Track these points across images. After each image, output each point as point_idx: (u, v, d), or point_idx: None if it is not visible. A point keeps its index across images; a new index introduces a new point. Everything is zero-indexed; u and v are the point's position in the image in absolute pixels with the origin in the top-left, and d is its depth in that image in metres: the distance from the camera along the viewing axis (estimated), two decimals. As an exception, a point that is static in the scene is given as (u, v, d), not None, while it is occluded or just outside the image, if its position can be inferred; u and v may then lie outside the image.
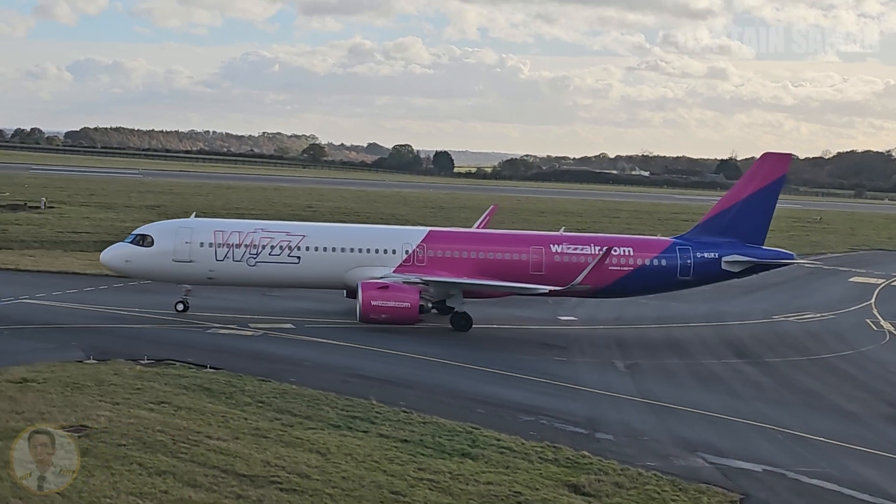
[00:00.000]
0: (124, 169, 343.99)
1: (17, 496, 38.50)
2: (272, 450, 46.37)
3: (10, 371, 57.86)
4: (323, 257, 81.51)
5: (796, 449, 54.06)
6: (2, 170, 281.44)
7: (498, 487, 43.53)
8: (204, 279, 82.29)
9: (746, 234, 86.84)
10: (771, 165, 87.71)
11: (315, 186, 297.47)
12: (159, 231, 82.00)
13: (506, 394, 61.72)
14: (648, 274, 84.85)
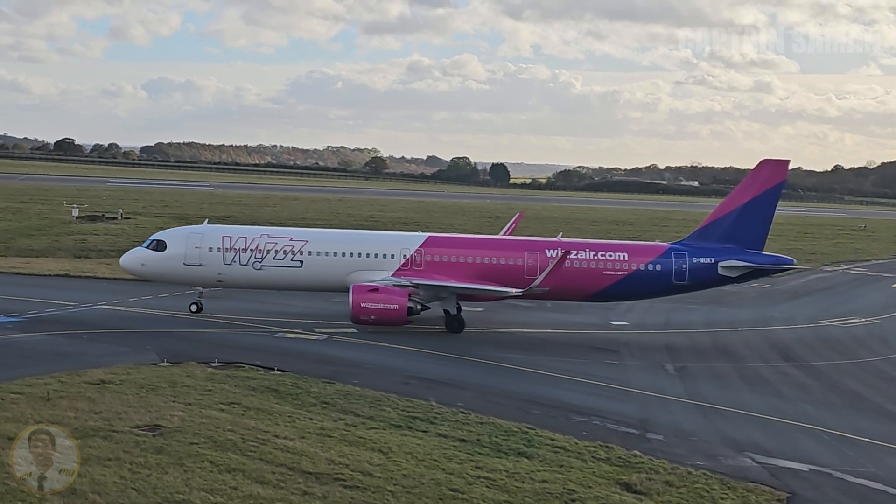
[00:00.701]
0: (196, 182, 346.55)
1: (95, 492, 38.87)
2: (336, 448, 46.50)
3: (88, 373, 58.54)
4: (325, 261, 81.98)
5: (842, 449, 53.46)
6: (81, 183, 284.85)
7: (552, 485, 43.38)
8: (214, 282, 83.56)
9: (745, 239, 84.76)
10: (769, 172, 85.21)
11: (377, 197, 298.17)
12: (172, 237, 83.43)
13: (559, 395, 61.51)
14: (643, 278, 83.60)
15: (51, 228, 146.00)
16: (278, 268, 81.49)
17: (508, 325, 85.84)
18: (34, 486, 39.05)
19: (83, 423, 47.91)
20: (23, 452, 42.98)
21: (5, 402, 50.84)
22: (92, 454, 43.24)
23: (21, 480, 39.59)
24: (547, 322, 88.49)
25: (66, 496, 38.26)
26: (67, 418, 48.40)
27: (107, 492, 38.98)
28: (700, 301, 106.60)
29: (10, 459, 42.02)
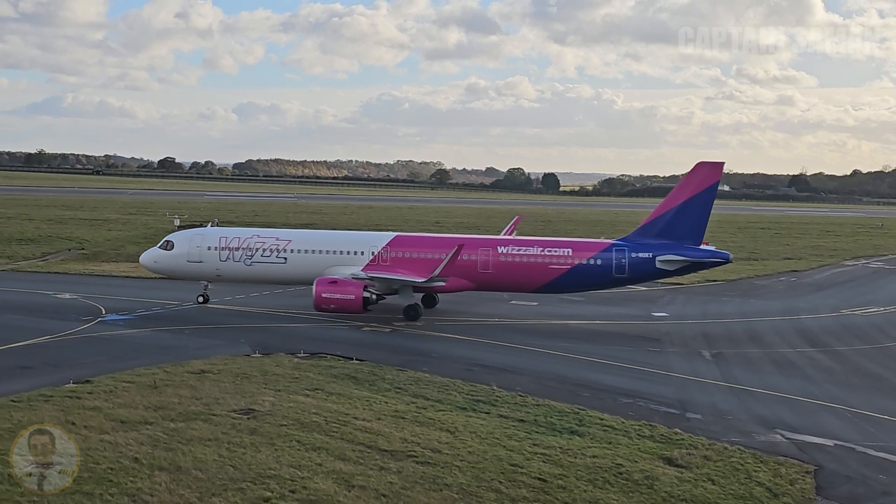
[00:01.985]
0: (282, 194, 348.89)
1: (197, 468, 39.28)
2: (409, 429, 46.62)
3: (190, 364, 59.17)
4: (305, 258, 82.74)
5: (863, 426, 52.68)
6: (181, 196, 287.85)
7: (602, 460, 43.20)
8: (213, 276, 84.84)
9: (682, 235, 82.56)
10: (705, 173, 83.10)
11: (441, 205, 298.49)
12: (178, 238, 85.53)
13: (607, 380, 61.18)
14: (585, 272, 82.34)
15: (156, 237, 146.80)
16: (266, 264, 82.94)
17: (560, 318, 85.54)
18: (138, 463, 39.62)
19: (186, 407, 48.43)
20: (134, 435, 43.61)
21: (118, 389, 51.52)
22: (194, 435, 43.72)
23: (133, 458, 40.19)
24: (594, 314, 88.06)
25: (172, 472, 38.71)
26: (172, 404, 48.96)
27: (207, 468, 39.40)
28: (733, 294, 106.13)
29: (122, 439, 42.65)
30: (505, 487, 38.98)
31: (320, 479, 38.64)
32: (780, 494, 40.50)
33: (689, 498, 39.14)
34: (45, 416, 45.49)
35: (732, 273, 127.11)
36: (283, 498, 36.39)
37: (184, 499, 35.88)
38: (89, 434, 43.23)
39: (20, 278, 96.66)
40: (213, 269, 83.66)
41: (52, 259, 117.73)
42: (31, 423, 44.26)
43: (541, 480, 40.03)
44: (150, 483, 37.35)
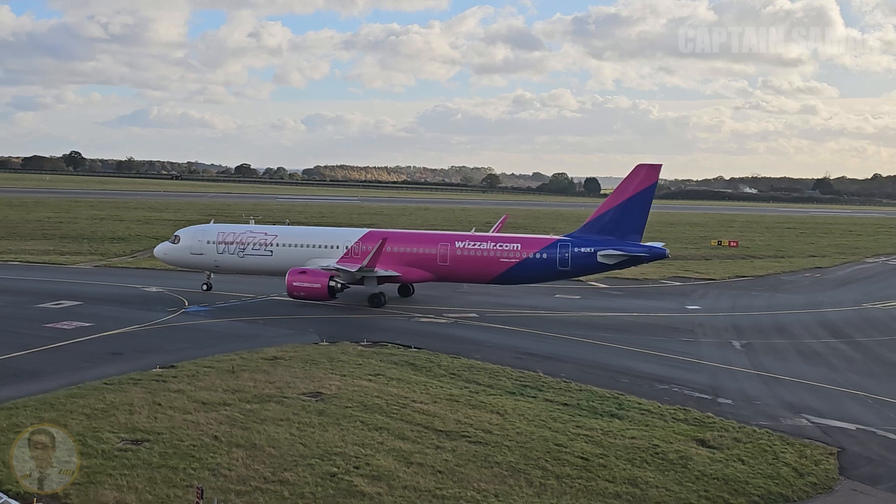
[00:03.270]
0: (347, 196, 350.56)
1: (271, 445, 39.56)
2: (462, 411, 46.61)
3: (264, 351, 59.62)
4: (289, 251, 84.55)
5: (884, 411, 51.79)
6: (256, 199, 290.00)
7: (640, 441, 42.91)
8: (213, 267, 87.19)
9: (623, 232, 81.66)
10: (644, 175, 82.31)
11: (492, 207, 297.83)
12: (184, 233, 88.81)
13: (644, 367, 60.72)
14: (532, 265, 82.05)
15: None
16: (255, 256, 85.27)
17: (601, 311, 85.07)
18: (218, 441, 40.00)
19: (260, 391, 48.80)
20: (214, 415, 44.03)
21: (200, 374, 52.05)
22: (268, 416, 44.04)
23: (213, 436, 40.58)
24: (633, 308, 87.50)
25: (248, 448, 39.02)
26: (248, 387, 49.35)
27: (280, 445, 39.67)
28: (762, 288, 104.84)
29: (203, 419, 43.07)
30: (550, 465, 38.85)
31: (382, 457, 38.75)
32: (806, 474, 39.98)
33: (721, 476, 38.77)
34: (135, 398, 46.07)
35: (760, 269, 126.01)
36: (348, 473, 36.54)
37: (258, 473, 36.15)
38: (174, 414, 43.71)
39: (112, 273, 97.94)
40: (212, 260, 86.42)
41: (140, 256, 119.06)
42: (122, 404, 44.93)
43: (583, 459, 39.84)
44: (229, 459, 37.68)
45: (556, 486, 36.50)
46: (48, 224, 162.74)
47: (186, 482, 34.69)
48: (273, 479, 35.54)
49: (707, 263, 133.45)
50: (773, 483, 38.65)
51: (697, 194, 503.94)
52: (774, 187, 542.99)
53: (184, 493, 33.64)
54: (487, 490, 35.63)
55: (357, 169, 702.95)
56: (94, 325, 67.31)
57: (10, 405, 44.31)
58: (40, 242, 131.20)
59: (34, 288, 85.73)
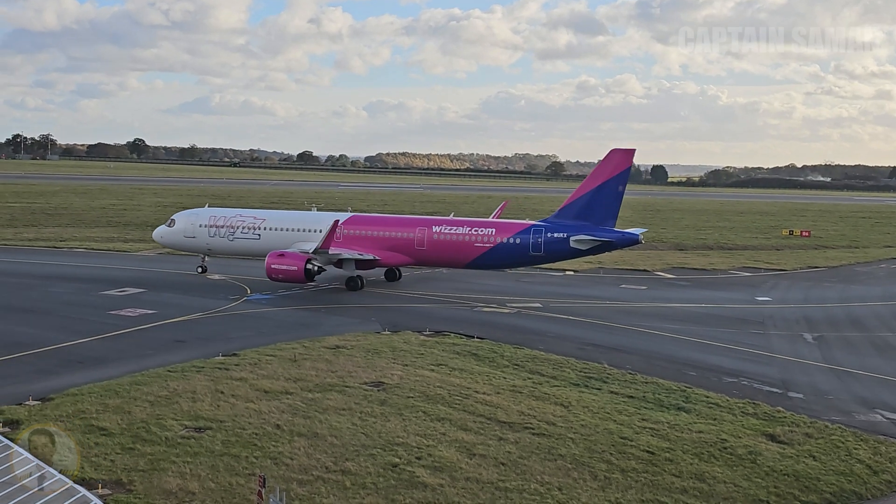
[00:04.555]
0: (409, 184, 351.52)
1: (332, 435, 39.87)
2: (525, 402, 46.55)
3: (326, 340, 60.06)
4: (275, 235, 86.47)
5: (963, 408, 50.72)
6: (318, 186, 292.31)
7: (707, 435, 42.49)
8: (205, 250, 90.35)
9: (597, 217, 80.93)
10: (618, 160, 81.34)
11: (556, 195, 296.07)
12: (179, 216, 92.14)
13: (712, 360, 60.11)
14: (506, 250, 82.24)
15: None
16: (244, 239, 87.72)
17: (668, 301, 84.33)
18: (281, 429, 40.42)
19: (322, 380, 49.19)
20: (276, 403, 44.48)
21: (262, 362, 52.61)
22: (329, 405, 44.39)
23: (275, 425, 41.01)
24: (701, 298, 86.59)
25: (310, 438, 39.36)
26: (310, 376, 49.78)
27: (342, 435, 39.96)
28: (835, 279, 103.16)
29: (265, 408, 43.54)
30: (615, 459, 38.66)
31: (444, 448, 38.86)
32: (880, 472, 39.29)
33: (791, 473, 38.24)
34: (197, 386, 46.72)
35: (834, 260, 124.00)
36: (410, 464, 36.70)
37: (320, 463, 36.45)
38: (236, 402, 44.26)
39: (175, 260, 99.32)
40: (204, 243, 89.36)
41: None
42: (185, 392, 45.58)
43: (649, 453, 39.58)
44: (291, 448, 38.06)
45: (621, 480, 36.31)
46: (112, 211, 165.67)
47: (249, 470, 35.12)
48: (335, 469, 35.82)
49: (778, 254, 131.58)
50: (846, 480, 38.05)
51: (768, 182, 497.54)
52: (848, 175, 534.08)
53: (246, 481, 34.05)
54: (551, 483, 35.55)
55: (419, 156, 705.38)
56: (158, 312, 68.38)
57: (75, 391, 45.22)
58: (105, 230, 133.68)
59: (99, 275, 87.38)
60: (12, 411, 41.81)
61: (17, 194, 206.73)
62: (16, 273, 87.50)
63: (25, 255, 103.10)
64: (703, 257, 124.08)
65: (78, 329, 61.23)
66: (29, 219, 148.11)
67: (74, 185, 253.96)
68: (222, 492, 33.18)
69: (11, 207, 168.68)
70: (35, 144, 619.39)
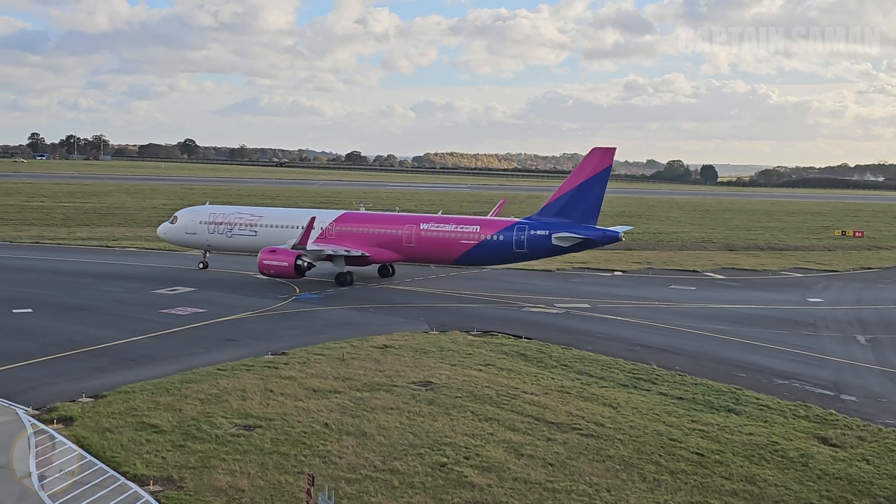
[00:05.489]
0: (457, 184, 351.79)
1: (380, 434, 40.01)
2: (574, 403, 46.38)
3: (374, 339, 60.27)
4: (271, 231, 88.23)
5: None
6: (367, 186, 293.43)
7: (758, 438, 42.05)
8: (205, 246, 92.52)
9: (578, 215, 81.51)
10: (598, 158, 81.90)
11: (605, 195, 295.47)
12: (181, 214, 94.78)
13: (763, 361, 59.47)
14: (489, 247, 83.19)
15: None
16: (241, 236, 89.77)
17: (718, 302, 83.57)
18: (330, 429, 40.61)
19: (371, 379, 49.38)
20: (324, 402, 44.72)
21: (311, 361, 52.93)
22: (378, 404, 44.54)
23: (324, 423, 41.22)
24: (751, 299, 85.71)
25: (358, 437, 39.52)
26: (358, 375, 49.99)
27: (390, 434, 40.08)
28: (889, 281, 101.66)
29: (314, 406, 43.78)
30: (664, 460, 38.39)
31: (492, 448, 38.83)
32: (936, 476, 38.62)
33: (844, 476, 37.71)
34: (247, 384, 47.11)
35: (887, 261, 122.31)
36: (458, 463, 36.71)
37: (368, 462, 36.58)
38: (285, 401, 44.55)
39: (225, 260, 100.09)
40: (204, 240, 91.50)
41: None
42: (235, 390, 45.98)
43: (699, 455, 39.25)
44: (339, 446, 38.24)
45: (671, 482, 36.05)
46: (163, 211, 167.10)
47: (297, 469, 35.34)
48: (383, 468, 35.93)
49: (830, 254, 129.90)
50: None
51: (819, 182, 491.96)
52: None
53: (295, 479, 34.26)
54: (599, 484, 35.39)
55: (467, 156, 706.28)
56: (208, 311, 69.04)
57: (127, 389, 45.79)
58: (156, 229, 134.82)
59: (150, 274, 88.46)
60: (66, 408, 42.44)
61: (70, 194, 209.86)
62: (70, 272, 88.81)
63: (79, 254, 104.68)
64: (754, 258, 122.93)
65: (130, 327, 62.00)
66: (82, 218, 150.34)
67: (126, 185, 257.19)
68: (271, 489, 33.41)
69: (65, 207, 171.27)
70: (88, 145, 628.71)
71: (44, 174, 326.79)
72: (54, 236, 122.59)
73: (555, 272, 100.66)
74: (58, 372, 49.62)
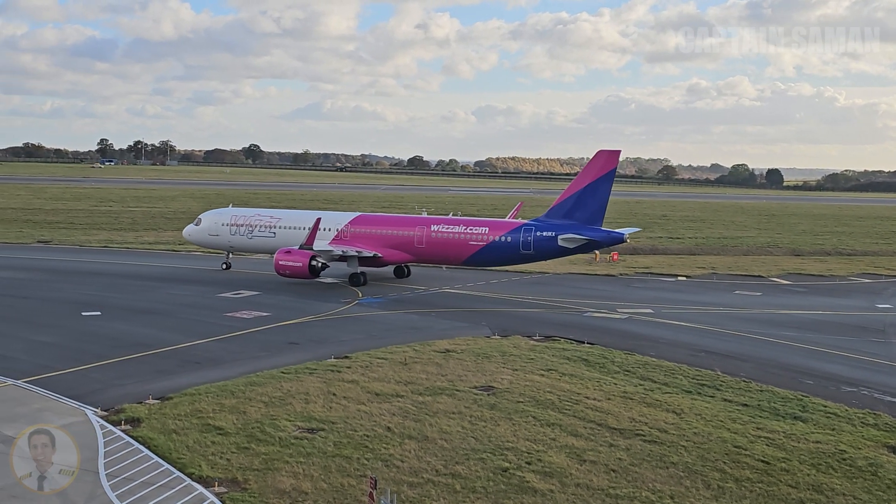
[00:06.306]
0: (519, 189, 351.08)
1: (442, 438, 40.04)
2: (637, 409, 46.02)
3: (436, 343, 60.38)
4: (289, 233, 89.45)
5: None
6: (428, 191, 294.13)
7: (825, 446, 41.33)
8: (227, 247, 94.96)
9: (584, 217, 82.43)
10: (604, 161, 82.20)
11: (668, 199, 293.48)
12: (205, 216, 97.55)
13: (830, 368, 58.45)
14: (498, 248, 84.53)
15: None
16: (261, 237, 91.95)
17: (784, 308, 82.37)
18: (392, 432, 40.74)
19: (433, 383, 49.45)
20: (387, 406, 44.88)
21: (373, 365, 53.17)
22: (440, 408, 44.58)
23: (386, 427, 41.37)
24: (818, 305, 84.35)
25: (420, 441, 39.59)
26: (420, 379, 50.09)
27: (452, 438, 40.09)
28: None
29: (376, 410, 43.97)
30: (729, 468, 37.90)
31: (554, 453, 38.66)
32: None
33: (915, 486, 36.93)
34: (310, 387, 47.45)
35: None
36: (519, 469, 36.60)
37: (430, 465, 36.63)
38: (348, 404, 44.79)
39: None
40: (226, 241, 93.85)
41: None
42: (298, 393, 46.34)
43: (764, 463, 38.69)
44: (401, 450, 38.34)
45: (735, 490, 35.57)
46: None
47: (360, 472, 35.48)
48: (445, 472, 35.95)
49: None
50: (974, 495, 36.59)
51: (889, 186, 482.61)
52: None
53: (357, 482, 34.41)
54: (663, 491, 35.04)
55: (529, 161, 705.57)
56: (272, 314, 69.68)
57: (192, 391, 46.38)
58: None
59: (216, 278, 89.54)
60: (133, 409, 43.12)
61: (138, 199, 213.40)
62: (137, 275, 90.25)
63: (146, 257, 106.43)
64: (821, 263, 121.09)
65: (196, 330, 62.83)
66: (150, 223, 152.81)
67: (192, 189, 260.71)
68: (334, 492, 33.59)
69: (133, 212, 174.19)
70: (155, 150, 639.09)
71: (112, 179, 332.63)
72: (122, 240, 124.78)
73: (617, 277, 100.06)
74: (125, 374, 50.45)
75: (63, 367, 51.43)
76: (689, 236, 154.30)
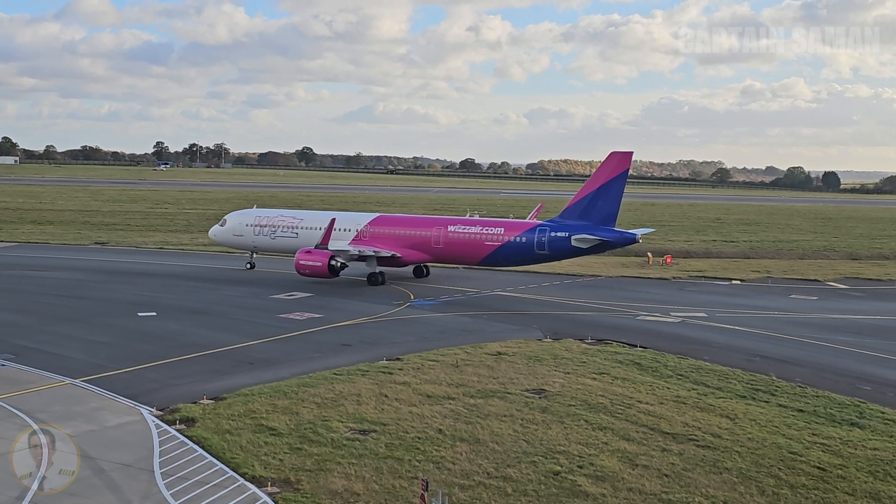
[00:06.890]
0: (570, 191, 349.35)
1: (494, 441, 39.99)
2: (690, 414, 45.63)
3: (488, 346, 60.34)
4: (310, 233, 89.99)
5: None
6: (480, 194, 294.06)
7: (883, 453, 40.66)
8: (251, 247, 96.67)
9: (598, 217, 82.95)
10: (616, 162, 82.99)
11: (722, 202, 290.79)
12: (230, 216, 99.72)
13: (888, 374, 57.43)
14: (513, 248, 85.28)
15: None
16: (284, 237, 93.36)
17: (841, 312, 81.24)
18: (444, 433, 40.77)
19: (484, 386, 49.42)
20: (438, 408, 44.93)
21: (425, 367, 53.28)
22: (491, 411, 44.55)
23: (437, 429, 41.42)
24: (876, 310, 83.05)
25: (472, 443, 39.57)
26: (472, 382, 50.09)
27: (503, 441, 40.04)
28: None
29: (428, 412, 44.04)
30: (784, 474, 37.42)
31: (606, 457, 38.45)
32: None
33: (975, 495, 36.21)
34: (362, 389, 47.65)
35: None
36: (571, 472, 36.45)
37: (481, 468, 36.60)
38: (399, 406, 44.92)
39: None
40: (250, 241, 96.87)
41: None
42: (351, 394, 46.56)
43: (820, 469, 38.15)
44: (452, 452, 38.36)
45: (791, 496, 35.12)
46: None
47: (412, 474, 35.56)
48: (496, 475, 35.90)
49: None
50: None
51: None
52: None
53: (409, 484, 34.48)
54: (716, 496, 34.69)
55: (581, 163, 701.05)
56: (325, 316, 70.08)
57: (246, 392, 46.80)
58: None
59: (269, 279, 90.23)
60: (188, 409, 43.62)
61: (193, 201, 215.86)
62: (192, 276, 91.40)
63: (201, 259, 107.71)
64: (879, 267, 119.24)
65: (249, 331, 63.40)
66: (204, 225, 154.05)
67: (246, 192, 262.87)
68: (386, 494, 33.69)
69: (188, 214, 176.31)
70: (210, 153, 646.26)
71: (168, 182, 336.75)
72: (177, 242, 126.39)
73: (670, 280, 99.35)
74: (180, 374, 51.06)
75: (119, 366, 52.21)
76: (743, 239, 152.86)
